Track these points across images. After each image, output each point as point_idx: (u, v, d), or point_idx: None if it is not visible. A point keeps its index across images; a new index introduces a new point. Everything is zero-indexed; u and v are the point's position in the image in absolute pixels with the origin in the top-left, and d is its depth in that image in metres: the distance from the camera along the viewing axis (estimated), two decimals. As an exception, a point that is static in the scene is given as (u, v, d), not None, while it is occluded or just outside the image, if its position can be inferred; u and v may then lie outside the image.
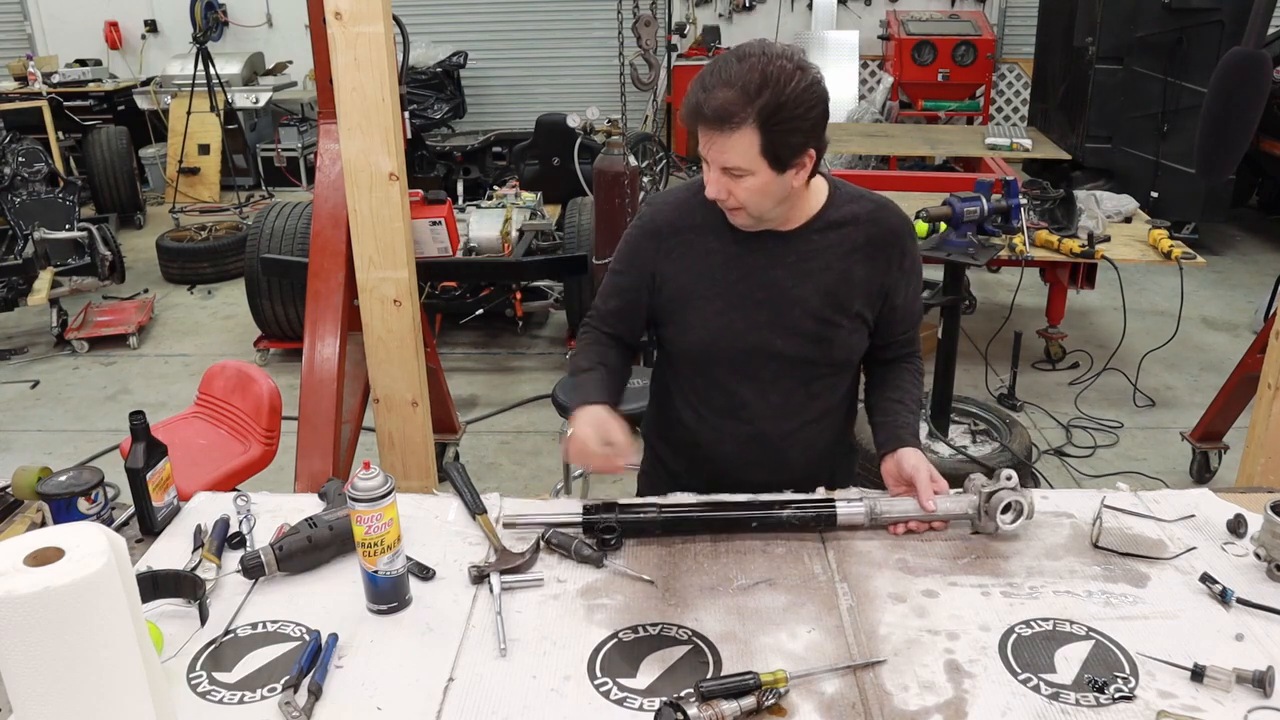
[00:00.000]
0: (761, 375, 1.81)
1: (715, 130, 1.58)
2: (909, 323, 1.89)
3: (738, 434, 1.87)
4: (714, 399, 1.86)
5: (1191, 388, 4.74)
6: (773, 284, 1.76)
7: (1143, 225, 4.64)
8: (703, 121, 1.59)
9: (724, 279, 1.77)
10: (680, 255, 1.79)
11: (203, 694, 1.34)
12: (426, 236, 4.20)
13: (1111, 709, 1.29)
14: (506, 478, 4.04)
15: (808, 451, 1.90)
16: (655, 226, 1.82)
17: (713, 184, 1.65)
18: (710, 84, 1.58)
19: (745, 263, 1.77)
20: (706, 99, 1.57)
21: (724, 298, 1.77)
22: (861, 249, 1.77)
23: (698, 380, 1.87)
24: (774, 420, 1.85)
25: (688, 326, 1.81)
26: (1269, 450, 2.72)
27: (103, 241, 5.61)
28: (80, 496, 1.67)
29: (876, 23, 8.93)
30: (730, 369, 1.82)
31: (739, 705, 1.26)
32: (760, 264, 1.76)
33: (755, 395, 1.83)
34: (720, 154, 1.60)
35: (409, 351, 2.97)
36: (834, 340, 1.79)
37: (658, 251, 1.80)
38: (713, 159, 1.62)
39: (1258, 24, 2.89)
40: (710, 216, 1.77)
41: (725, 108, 1.55)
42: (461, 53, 8.84)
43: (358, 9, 2.59)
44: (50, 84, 8.46)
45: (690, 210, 1.80)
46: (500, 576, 1.55)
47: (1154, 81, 6.22)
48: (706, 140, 1.61)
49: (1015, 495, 1.64)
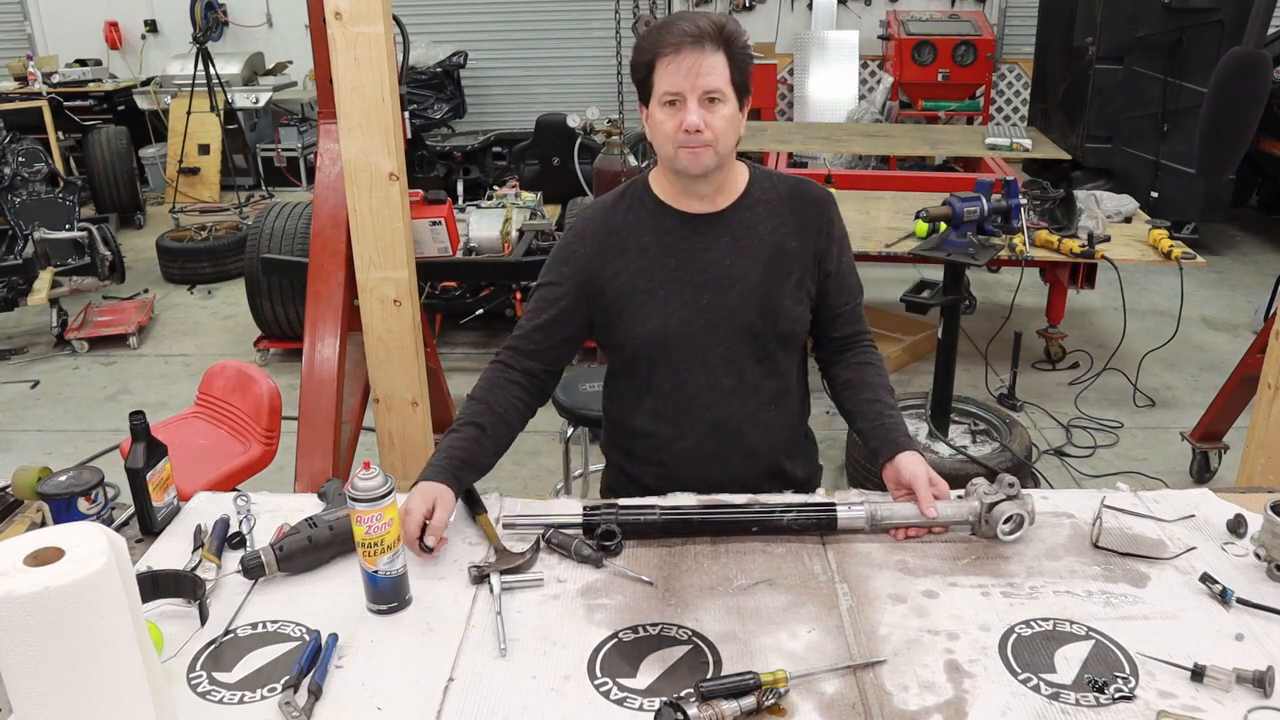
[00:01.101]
0: (712, 360, 1.83)
1: (696, 50, 1.65)
2: (848, 294, 1.90)
3: (696, 426, 1.87)
4: (668, 394, 1.86)
5: (1191, 388, 4.74)
6: (711, 265, 1.80)
7: (1143, 225, 4.64)
8: (684, 45, 1.65)
9: (663, 269, 1.80)
10: (616, 255, 1.82)
11: (203, 694, 1.34)
12: (426, 236, 4.20)
13: (1111, 709, 1.29)
14: (506, 478, 4.04)
15: (767, 436, 1.91)
16: (587, 232, 1.85)
17: (693, 112, 1.67)
18: (671, 22, 1.68)
19: (681, 249, 1.80)
20: (680, 27, 1.65)
21: (665, 287, 1.80)
22: (789, 220, 1.83)
23: (651, 378, 1.86)
24: (729, 405, 1.85)
25: (635, 322, 1.82)
26: (1269, 450, 2.72)
27: (103, 241, 5.61)
28: (80, 496, 1.67)
29: (876, 23, 8.93)
30: (681, 358, 1.83)
31: (739, 705, 1.26)
32: (697, 247, 1.80)
33: (708, 382, 1.84)
34: (702, 76, 1.65)
35: (409, 351, 2.97)
36: (778, 311, 1.82)
37: (593, 256, 1.82)
38: (692, 85, 1.66)
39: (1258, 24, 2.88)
40: (639, 214, 1.82)
41: (703, 30, 1.65)
42: (461, 53, 8.84)
43: (358, 9, 2.59)
44: (50, 84, 8.46)
45: (618, 212, 1.84)
46: (500, 576, 1.55)
47: (1154, 81, 6.22)
48: (687, 66, 1.65)
49: (1016, 508, 1.64)
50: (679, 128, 1.68)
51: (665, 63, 1.67)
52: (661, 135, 1.72)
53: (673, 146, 1.71)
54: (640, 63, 1.71)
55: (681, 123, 1.67)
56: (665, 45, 1.66)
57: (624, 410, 1.95)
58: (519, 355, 1.87)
